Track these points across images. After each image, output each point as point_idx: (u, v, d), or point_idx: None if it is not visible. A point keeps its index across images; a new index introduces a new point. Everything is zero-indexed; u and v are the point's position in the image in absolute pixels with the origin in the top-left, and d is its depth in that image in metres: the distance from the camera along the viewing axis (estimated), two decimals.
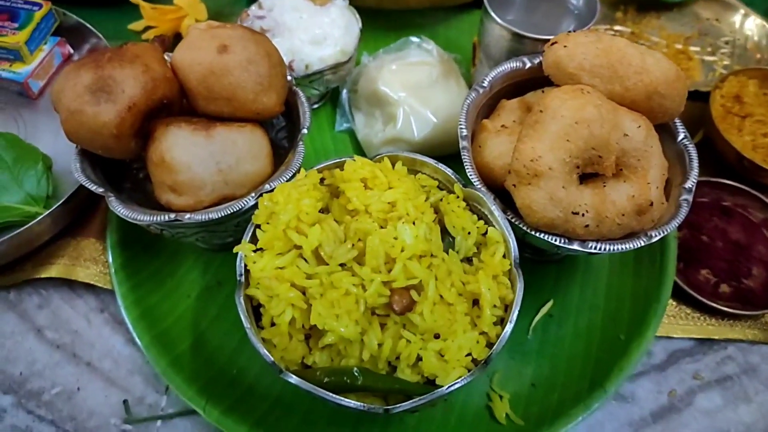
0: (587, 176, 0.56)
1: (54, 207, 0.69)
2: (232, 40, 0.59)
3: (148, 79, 0.57)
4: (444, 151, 0.75)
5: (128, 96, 0.56)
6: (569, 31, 0.61)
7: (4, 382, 0.67)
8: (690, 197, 0.59)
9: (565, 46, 0.58)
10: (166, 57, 0.63)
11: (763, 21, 0.94)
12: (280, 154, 0.66)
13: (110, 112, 0.56)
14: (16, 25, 0.83)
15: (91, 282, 0.71)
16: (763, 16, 0.95)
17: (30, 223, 0.68)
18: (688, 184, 0.60)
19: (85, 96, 0.56)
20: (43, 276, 0.71)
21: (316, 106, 0.85)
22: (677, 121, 0.63)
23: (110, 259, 0.70)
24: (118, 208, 0.58)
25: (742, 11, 0.96)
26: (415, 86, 0.77)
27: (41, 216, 0.68)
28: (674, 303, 0.73)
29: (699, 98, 0.85)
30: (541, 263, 0.72)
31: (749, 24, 0.95)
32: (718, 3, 0.98)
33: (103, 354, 0.70)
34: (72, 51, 0.89)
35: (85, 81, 0.56)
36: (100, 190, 0.59)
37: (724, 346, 0.72)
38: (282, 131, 0.72)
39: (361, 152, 0.81)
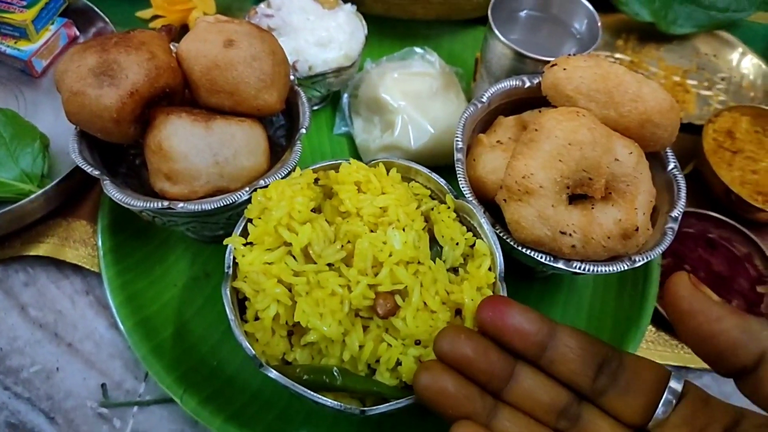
0: (576, 197, 0.57)
1: (48, 186, 0.69)
2: (238, 36, 0.60)
3: (152, 66, 0.58)
4: (439, 161, 0.76)
5: (131, 82, 0.57)
6: (569, 54, 0.63)
7: None
8: (675, 226, 0.60)
9: (564, 69, 0.60)
10: (172, 47, 0.64)
11: (760, 61, 0.96)
12: (277, 152, 0.67)
13: (112, 97, 0.56)
14: (24, 2, 0.83)
15: (79, 263, 0.71)
16: (760, 55, 0.97)
17: (22, 201, 0.68)
18: (675, 213, 0.61)
19: (89, 78, 0.56)
20: (31, 254, 0.72)
21: (316, 107, 0.86)
22: (669, 150, 0.64)
23: (99, 242, 0.70)
24: (112, 191, 0.58)
25: (740, 49, 0.98)
26: (416, 96, 0.78)
27: (35, 194, 0.69)
28: (653, 329, 0.74)
29: (693, 131, 0.86)
30: (527, 281, 0.73)
31: (746, 62, 0.97)
32: (717, 39, 1.00)
33: (84, 336, 0.70)
34: (78, 33, 0.90)
35: (89, 63, 0.56)
36: (96, 172, 0.60)
37: (699, 374, 0.73)
38: (281, 129, 0.72)
39: (358, 156, 0.82)
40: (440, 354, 0.41)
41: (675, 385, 0.37)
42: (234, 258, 0.55)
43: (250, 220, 0.56)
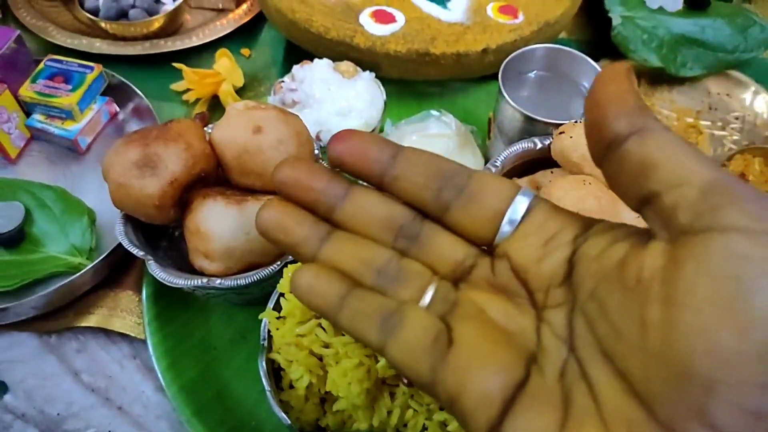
0: None
1: (96, 261, 0.75)
2: (265, 122, 0.65)
3: (189, 156, 0.63)
4: None
5: (171, 172, 0.62)
6: (576, 121, 0.66)
7: (42, 422, 0.73)
8: None
9: (570, 137, 0.63)
10: (207, 130, 0.70)
11: None
12: None
13: (154, 186, 0.62)
14: (69, 86, 0.90)
15: (127, 332, 0.77)
16: None
17: (74, 275, 0.74)
18: None
19: (132, 171, 0.62)
20: (83, 325, 0.77)
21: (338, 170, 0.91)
22: None
23: (144, 311, 0.75)
24: (156, 271, 0.64)
25: (752, 88, 1.00)
26: None
27: (85, 269, 0.75)
28: None
29: None
30: None
31: (759, 101, 0.99)
32: (729, 79, 1.02)
33: (133, 399, 0.75)
34: (118, 109, 0.97)
35: (132, 157, 0.62)
36: (141, 253, 0.65)
37: None
38: None
39: None
40: (280, 181, 0.38)
41: (523, 197, 0.34)
42: (269, 331, 0.60)
43: (282, 294, 0.60)
